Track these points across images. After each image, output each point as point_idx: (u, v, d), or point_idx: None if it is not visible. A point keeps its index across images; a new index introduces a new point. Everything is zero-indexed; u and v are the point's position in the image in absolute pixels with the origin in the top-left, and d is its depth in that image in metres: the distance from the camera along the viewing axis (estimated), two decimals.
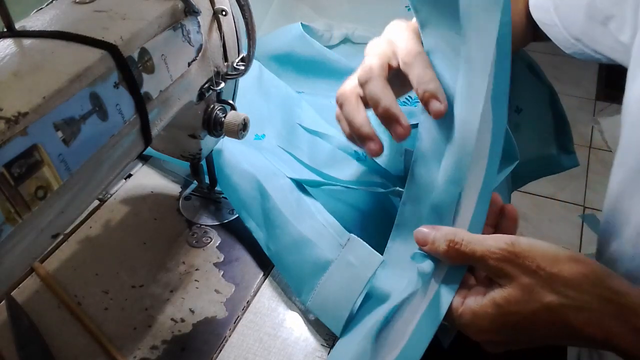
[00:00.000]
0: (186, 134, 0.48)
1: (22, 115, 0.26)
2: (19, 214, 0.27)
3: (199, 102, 0.45)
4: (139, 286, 0.50)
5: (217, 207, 0.59)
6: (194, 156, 0.51)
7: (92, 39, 0.32)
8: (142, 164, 0.64)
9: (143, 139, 0.36)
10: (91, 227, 0.56)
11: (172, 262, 0.53)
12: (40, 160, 0.27)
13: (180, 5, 0.39)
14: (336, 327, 0.45)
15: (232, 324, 0.48)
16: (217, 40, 0.44)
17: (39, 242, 0.30)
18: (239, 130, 0.47)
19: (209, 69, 0.44)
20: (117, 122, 0.33)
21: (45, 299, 0.49)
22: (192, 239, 0.55)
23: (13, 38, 0.31)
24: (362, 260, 0.45)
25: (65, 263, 0.52)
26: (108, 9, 0.36)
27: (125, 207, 0.58)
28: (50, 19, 0.34)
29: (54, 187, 0.28)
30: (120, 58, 0.32)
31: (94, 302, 0.49)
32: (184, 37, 0.39)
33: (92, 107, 0.30)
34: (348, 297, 0.44)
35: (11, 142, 0.25)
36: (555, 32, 0.55)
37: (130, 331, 0.47)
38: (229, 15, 0.44)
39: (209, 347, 0.46)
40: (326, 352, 0.46)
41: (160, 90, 0.37)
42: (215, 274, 0.52)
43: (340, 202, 0.54)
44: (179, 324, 0.48)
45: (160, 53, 0.36)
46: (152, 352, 0.45)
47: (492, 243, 0.36)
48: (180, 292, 0.50)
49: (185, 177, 0.62)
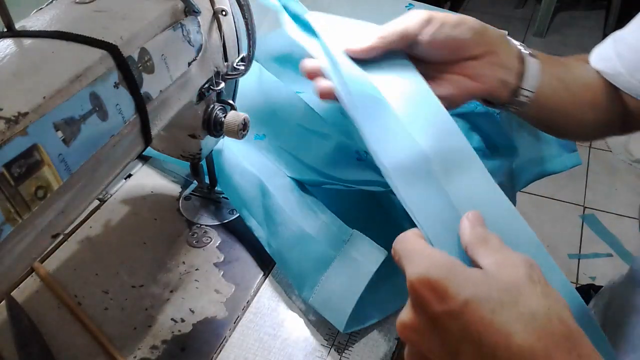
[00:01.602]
0: (186, 134, 0.48)
1: (22, 115, 0.26)
2: (19, 214, 0.27)
3: (199, 102, 0.45)
4: (139, 286, 0.50)
5: (217, 207, 0.58)
6: (194, 156, 0.51)
7: (92, 39, 0.32)
8: (142, 164, 0.64)
9: (143, 139, 0.36)
10: (91, 227, 0.56)
11: (172, 262, 0.53)
12: (40, 160, 0.27)
13: (180, 5, 0.39)
14: (340, 322, 0.45)
15: (232, 324, 0.48)
16: (217, 40, 0.44)
17: (39, 242, 0.30)
18: (239, 130, 0.47)
19: (209, 69, 0.44)
20: (117, 122, 0.33)
21: (45, 299, 0.49)
22: (192, 239, 0.55)
23: (13, 38, 0.31)
24: (365, 255, 0.45)
25: (65, 263, 0.52)
26: (108, 9, 0.35)
27: (125, 207, 0.58)
28: (50, 19, 0.34)
29: (54, 187, 0.28)
30: (120, 58, 0.32)
31: (94, 302, 0.49)
32: (184, 37, 0.39)
33: (92, 107, 0.30)
34: (352, 292, 0.44)
35: (11, 142, 0.25)
36: (622, 81, 0.50)
37: (130, 331, 0.47)
38: (229, 15, 0.44)
39: (209, 347, 0.46)
40: (326, 352, 0.46)
41: (160, 90, 0.37)
42: (215, 274, 0.52)
43: (340, 201, 0.54)
44: (179, 324, 0.48)
45: (160, 53, 0.36)
46: (152, 352, 0.45)
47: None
48: (180, 292, 0.50)
49: (185, 177, 0.62)
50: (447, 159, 0.38)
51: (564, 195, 1.74)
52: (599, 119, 0.53)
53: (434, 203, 0.37)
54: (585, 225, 1.64)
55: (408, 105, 0.40)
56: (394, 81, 0.42)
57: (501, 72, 0.44)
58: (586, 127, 0.53)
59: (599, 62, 0.52)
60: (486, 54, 0.44)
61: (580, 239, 1.60)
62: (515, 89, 0.46)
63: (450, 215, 0.36)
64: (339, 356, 0.46)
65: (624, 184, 1.78)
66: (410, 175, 0.37)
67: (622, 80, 0.50)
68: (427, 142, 0.39)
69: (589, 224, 1.65)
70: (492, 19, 0.89)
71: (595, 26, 2.58)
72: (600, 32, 2.53)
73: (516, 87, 0.45)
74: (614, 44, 0.51)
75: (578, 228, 1.64)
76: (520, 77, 0.45)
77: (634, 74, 0.49)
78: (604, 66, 0.51)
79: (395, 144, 0.39)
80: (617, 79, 0.50)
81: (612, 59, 0.50)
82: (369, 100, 0.40)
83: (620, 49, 0.50)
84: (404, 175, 0.37)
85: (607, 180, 1.79)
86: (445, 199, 0.37)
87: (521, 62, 0.46)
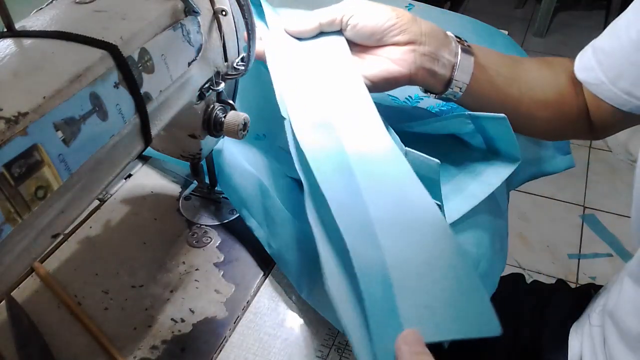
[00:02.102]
0: (186, 134, 0.48)
1: (22, 115, 0.26)
2: (19, 214, 0.27)
3: (199, 102, 0.45)
4: (139, 286, 0.50)
5: (217, 207, 0.59)
6: (194, 156, 0.51)
7: (92, 39, 0.32)
8: (142, 164, 0.64)
9: (143, 139, 0.36)
10: (91, 227, 0.56)
11: (172, 262, 0.53)
12: (40, 160, 0.27)
13: (180, 5, 0.39)
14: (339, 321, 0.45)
15: (232, 324, 0.48)
16: (217, 40, 0.44)
17: (39, 242, 0.30)
18: (239, 130, 0.47)
19: (209, 69, 0.44)
20: (117, 122, 0.33)
21: (45, 299, 0.49)
22: (192, 239, 0.55)
23: (13, 38, 0.31)
24: None
25: (65, 263, 0.52)
26: (108, 9, 0.35)
27: (125, 207, 0.58)
28: (50, 19, 0.34)
29: (54, 187, 0.28)
30: (120, 58, 0.32)
31: (94, 302, 0.49)
32: (184, 37, 0.39)
33: (92, 107, 0.30)
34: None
35: (11, 142, 0.25)
36: (603, 90, 0.52)
37: (130, 331, 0.47)
38: (229, 15, 0.44)
39: (209, 347, 0.46)
40: (326, 352, 0.46)
41: (160, 90, 0.37)
42: (215, 274, 0.52)
43: None
44: (179, 324, 0.48)
45: (160, 53, 0.36)
46: (152, 352, 0.45)
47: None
48: (180, 292, 0.50)
49: (185, 177, 0.62)
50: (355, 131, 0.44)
51: (564, 195, 1.74)
52: (552, 118, 0.55)
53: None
54: (585, 225, 1.64)
55: (329, 81, 0.48)
56: (321, 56, 0.50)
57: (426, 61, 0.49)
58: (536, 124, 0.56)
59: (581, 72, 0.54)
60: (410, 42, 0.49)
61: (580, 239, 1.60)
62: (449, 80, 0.51)
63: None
64: (339, 356, 0.46)
65: (624, 184, 1.78)
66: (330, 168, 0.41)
67: (604, 89, 0.52)
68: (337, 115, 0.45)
69: (589, 224, 1.65)
70: (492, 19, 0.89)
71: (595, 26, 2.58)
72: (600, 32, 2.52)
73: (449, 78, 0.51)
74: (593, 53, 0.53)
75: (578, 228, 1.64)
76: (453, 69, 0.50)
77: (616, 82, 0.50)
78: (586, 76, 0.53)
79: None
80: (599, 88, 0.52)
81: (594, 69, 0.52)
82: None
83: (600, 57, 0.52)
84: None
85: (607, 180, 1.80)
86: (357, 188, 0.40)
87: (454, 55, 0.50)
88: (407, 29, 0.49)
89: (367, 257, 0.36)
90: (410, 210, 0.39)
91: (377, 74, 0.50)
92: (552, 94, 0.55)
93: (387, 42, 0.49)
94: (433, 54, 0.49)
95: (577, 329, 0.60)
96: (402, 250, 0.36)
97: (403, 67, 0.49)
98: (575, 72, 0.54)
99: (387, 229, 0.38)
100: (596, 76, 0.52)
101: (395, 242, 0.37)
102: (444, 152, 0.52)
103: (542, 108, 0.54)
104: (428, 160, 0.45)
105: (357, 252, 0.35)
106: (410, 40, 0.49)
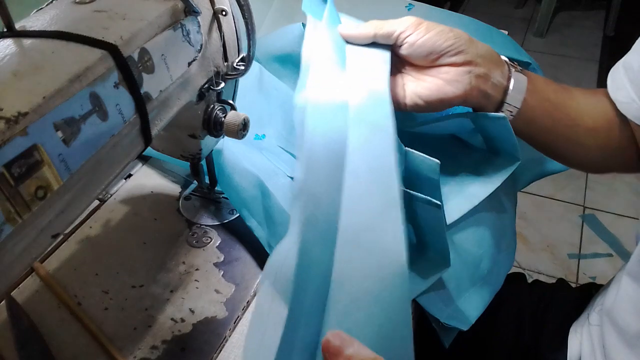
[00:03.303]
0: (186, 134, 0.48)
1: (22, 115, 0.26)
2: (19, 214, 0.27)
3: (199, 102, 0.45)
4: (139, 286, 0.50)
5: (217, 207, 0.59)
6: (194, 156, 0.51)
7: (92, 39, 0.32)
8: (142, 164, 0.64)
9: (143, 139, 0.36)
10: (91, 227, 0.56)
11: (172, 262, 0.53)
12: (40, 160, 0.27)
13: (180, 5, 0.39)
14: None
15: (232, 324, 0.48)
16: (217, 40, 0.44)
17: (39, 242, 0.30)
18: (239, 130, 0.47)
19: (209, 69, 0.44)
20: (117, 122, 0.33)
21: (45, 299, 0.49)
22: (192, 239, 0.55)
23: (13, 38, 0.31)
24: None
25: (65, 263, 0.52)
26: (108, 9, 0.35)
27: (125, 207, 0.58)
28: (50, 19, 0.34)
29: (54, 187, 0.28)
30: (120, 58, 0.32)
31: (94, 302, 0.49)
32: (184, 37, 0.39)
33: (92, 107, 0.30)
34: None
35: (11, 142, 0.25)
36: (633, 110, 0.50)
37: (130, 331, 0.47)
38: (229, 15, 0.44)
39: (209, 347, 0.46)
40: None
41: (160, 90, 0.37)
42: (215, 274, 0.52)
43: None
44: (179, 324, 0.48)
45: (160, 53, 0.36)
46: (152, 352, 0.45)
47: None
48: (180, 292, 0.50)
49: (185, 177, 0.62)
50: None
51: (564, 195, 1.74)
52: (601, 147, 0.53)
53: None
54: (585, 225, 1.64)
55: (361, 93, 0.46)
56: (360, 62, 0.48)
57: (481, 83, 0.48)
58: (586, 153, 0.54)
59: (614, 92, 0.52)
60: (466, 63, 0.47)
61: (580, 239, 1.60)
62: (500, 103, 0.49)
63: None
64: None
65: (624, 184, 1.78)
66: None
67: (634, 109, 0.50)
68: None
69: (589, 224, 1.65)
70: (492, 19, 0.89)
71: (595, 26, 2.58)
72: (600, 32, 2.53)
73: (500, 101, 0.49)
74: (624, 71, 0.51)
75: (578, 228, 1.64)
76: (505, 92, 0.49)
77: None
78: (618, 95, 0.51)
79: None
80: (629, 107, 0.50)
81: (626, 87, 0.50)
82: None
83: (631, 76, 0.50)
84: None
85: (607, 180, 1.79)
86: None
87: (507, 79, 0.49)
88: (464, 49, 0.47)
89: (315, 258, 0.34)
90: (379, 237, 0.36)
91: (432, 95, 0.48)
92: (601, 121, 0.53)
93: (443, 62, 0.48)
94: (487, 75, 0.48)
95: (577, 329, 0.60)
96: (353, 270, 0.34)
97: (458, 88, 0.48)
98: (609, 91, 0.52)
99: (349, 244, 0.35)
100: (628, 94, 0.50)
101: (348, 261, 0.34)
102: (443, 152, 0.52)
103: (592, 135, 0.53)
104: (428, 160, 0.45)
105: (307, 249, 0.34)
106: (466, 61, 0.47)
